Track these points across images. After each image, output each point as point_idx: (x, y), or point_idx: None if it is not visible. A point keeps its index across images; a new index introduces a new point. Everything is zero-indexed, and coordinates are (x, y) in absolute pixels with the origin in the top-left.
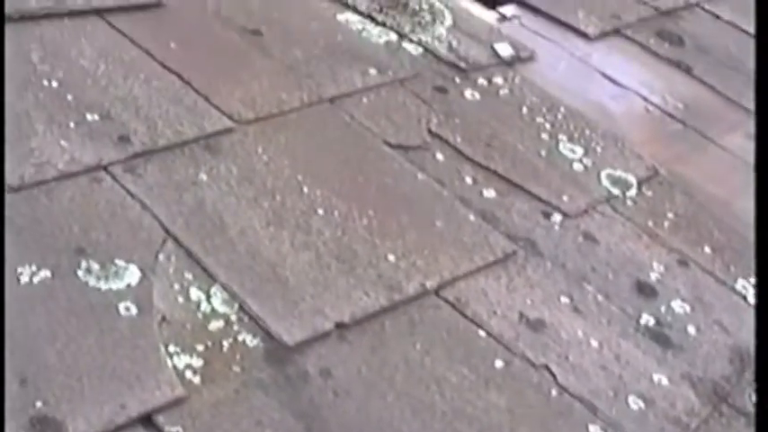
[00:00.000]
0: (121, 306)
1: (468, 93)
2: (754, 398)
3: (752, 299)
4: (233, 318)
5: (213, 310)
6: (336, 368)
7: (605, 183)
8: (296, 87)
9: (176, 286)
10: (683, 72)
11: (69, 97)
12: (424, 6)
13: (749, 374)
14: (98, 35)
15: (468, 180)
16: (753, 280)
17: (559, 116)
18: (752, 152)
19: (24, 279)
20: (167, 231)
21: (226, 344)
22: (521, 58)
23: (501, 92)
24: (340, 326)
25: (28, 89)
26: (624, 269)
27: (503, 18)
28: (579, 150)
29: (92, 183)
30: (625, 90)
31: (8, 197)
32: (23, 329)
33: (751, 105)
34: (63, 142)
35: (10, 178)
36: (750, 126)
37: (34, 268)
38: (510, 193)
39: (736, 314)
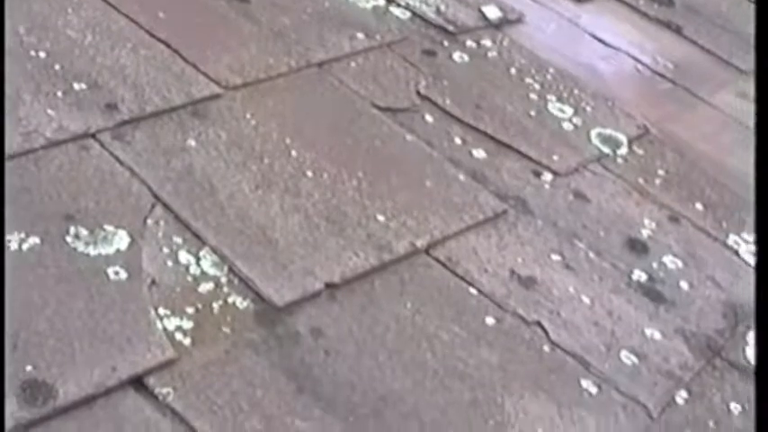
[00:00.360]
0: (110, 270)
1: (456, 55)
2: (748, 352)
3: (744, 254)
4: (223, 280)
5: (203, 272)
6: (327, 328)
7: (595, 141)
8: (284, 53)
9: (165, 250)
10: (673, 32)
11: (57, 67)
12: None
13: (743, 328)
14: (85, 6)
15: (458, 141)
16: (745, 235)
17: (548, 77)
18: (742, 110)
19: (13, 246)
20: (156, 197)
21: (216, 306)
22: (509, 21)
23: (489, 54)
24: (330, 286)
25: (15, 60)
26: (615, 226)
27: None
28: (569, 110)
29: (80, 150)
30: (615, 51)
31: None
32: (13, 296)
33: (741, 64)
34: (50, 111)
35: None
36: (740, 84)
37: (23, 235)
38: (499, 152)
39: (729, 269)
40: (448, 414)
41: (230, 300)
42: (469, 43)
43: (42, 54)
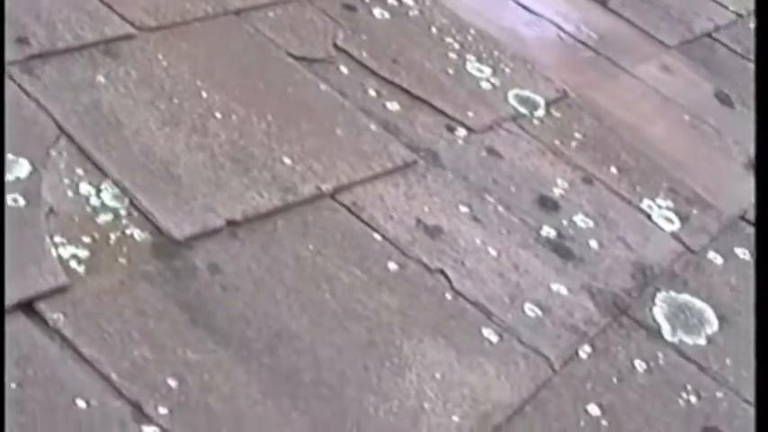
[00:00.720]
0: (9, 198)
1: (377, 11)
2: (655, 311)
3: (657, 218)
4: (122, 212)
5: (103, 204)
6: (225, 264)
7: (512, 102)
8: None
9: (66, 181)
10: (599, 4)
11: None
12: None
13: (651, 290)
14: None
15: (372, 93)
16: (659, 201)
17: (469, 38)
18: (664, 82)
19: None
20: (61, 129)
21: (113, 237)
22: None
23: (411, 12)
24: (231, 223)
25: None
26: (527, 183)
27: None
28: (487, 70)
29: None
30: (539, 18)
31: None
32: None
33: (667, 39)
34: None
35: None
36: (664, 58)
37: None
38: (414, 106)
39: (641, 232)
40: (344, 353)
41: (128, 231)
42: (391, 1)
43: None
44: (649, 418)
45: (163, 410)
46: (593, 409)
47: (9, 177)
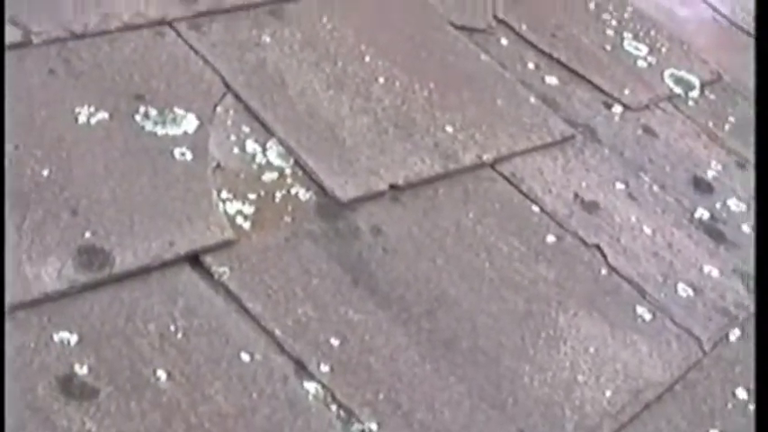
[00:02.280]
0: (177, 151)
1: None
2: None
3: None
4: (287, 171)
5: (268, 162)
6: (387, 227)
7: (668, 81)
8: None
9: (233, 137)
10: None
11: None
12: None
13: None
14: None
15: (531, 66)
16: None
17: (626, 15)
18: None
19: (82, 119)
20: (227, 86)
21: (278, 195)
22: None
23: None
24: (394, 187)
25: None
26: (682, 164)
27: None
28: (644, 48)
29: (155, 36)
30: None
31: (70, 44)
32: (77, 166)
33: None
34: None
35: (73, 26)
36: None
37: (92, 109)
38: (572, 81)
39: None
40: (501, 322)
41: (293, 191)
42: None
43: None
44: None
45: (324, 368)
46: (741, 393)
47: (177, 131)
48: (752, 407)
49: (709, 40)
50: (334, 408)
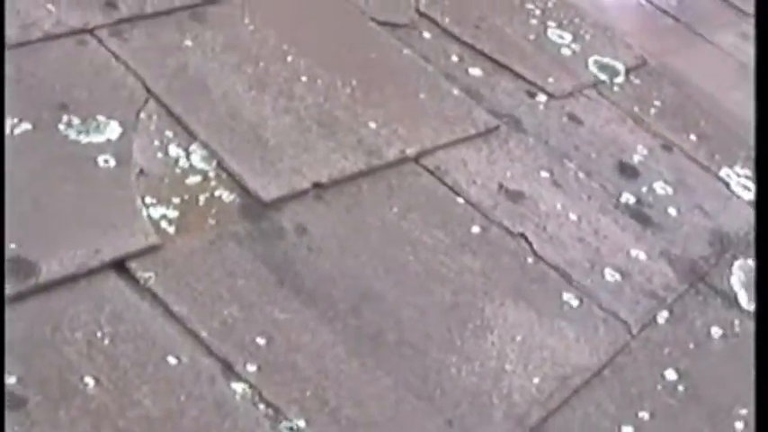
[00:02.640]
0: (100, 158)
1: None
2: (732, 279)
3: (735, 187)
4: (211, 174)
5: (191, 165)
6: (312, 225)
7: (592, 68)
8: None
9: (156, 142)
10: None
11: None
12: None
13: (728, 257)
14: None
15: (455, 58)
16: (737, 169)
17: (549, 4)
18: (743, 50)
19: (6, 131)
20: (150, 92)
21: (202, 198)
22: None
23: None
24: (317, 186)
25: None
26: (607, 150)
27: None
28: (568, 36)
29: (77, 45)
30: None
31: None
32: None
33: (744, 6)
34: (49, 6)
35: None
36: (742, 26)
37: (15, 121)
38: (496, 72)
39: (719, 200)
40: (427, 315)
41: (217, 193)
42: None
43: None
44: (725, 385)
45: (251, 368)
46: (671, 374)
47: (100, 139)
48: (681, 387)
49: (633, 25)
50: (261, 407)
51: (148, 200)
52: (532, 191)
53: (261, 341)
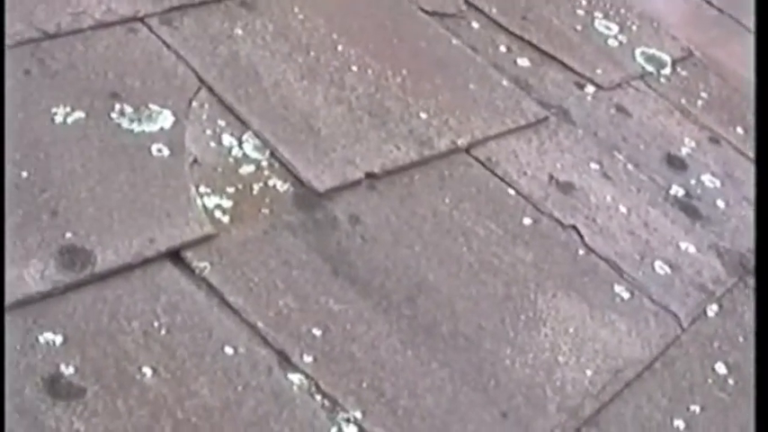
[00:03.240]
0: (154, 147)
1: None
2: None
3: None
4: (264, 163)
5: (245, 155)
6: (365, 215)
7: (639, 60)
8: None
9: (209, 132)
10: None
11: None
12: None
13: None
14: None
15: (503, 48)
16: None
17: None
18: None
19: (58, 119)
20: (201, 80)
21: (256, 187)
22: None
23: None
24: (370, 176)
25: None
26: (655, 142)
27: None
28: (614, 27)
29: (128, 33)
30: None
31: (44, 44)
32: (56, 166)
33: None
34: None
35: (46, 26)
36: None
37: (68, 109)
38: (544, 62)
39: None
40: (480, 306)
41: (270, 182)
42: None
43: None
44: None
45: (308, 359)
46: (720, 368)
47: (153, 128)
48: (731, 381)
49: (679, 17)
50: (318, 398)
51: (202, 189)
52: (582, 182)
53: (317, 332)
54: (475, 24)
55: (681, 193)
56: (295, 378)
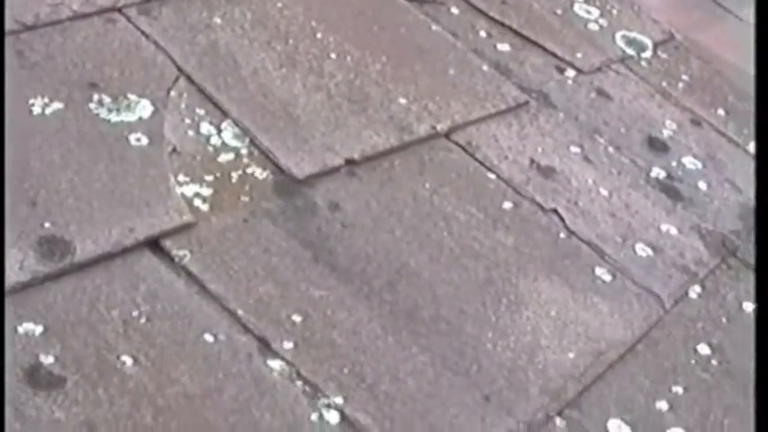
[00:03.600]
0: (132, 137)
1: None
2: None
3: None
4: (243, 151)
5: (224, 143)
6: (345, 202)
7: (620, 43)
8: None
9: (187, 120)
10: None
11: None
12: None
13: None
14: None
15: (483, 34)
16: None
17: None
18: None
19: (36, 110)
20: (180, 69)
21: (235, 175)
22: None
23: None
24: (349, 162)
25: None
26: (636, 124)
27: None
28: (595, 11)
29: (106, 23)
30: None
31: (22, 35)
32: (34, 157)
33: None
34: None
35: (25, 17)
36: None
37: (46, 100)
38: (524, 47)
39: (748, 174)
40: (462, 290)
41: (250, 170)
42: None
43: None
44: None
45: (288, 345)
46: (703, 349)
47: (132, 117)
48: (714, 362)
49: (660, 1)
50: (299, 384)
51: (181, 178)
52: (563, 166)
53: (297, 318)
54: (455, 10)
55: (662, 175)
56: (276, 365)
